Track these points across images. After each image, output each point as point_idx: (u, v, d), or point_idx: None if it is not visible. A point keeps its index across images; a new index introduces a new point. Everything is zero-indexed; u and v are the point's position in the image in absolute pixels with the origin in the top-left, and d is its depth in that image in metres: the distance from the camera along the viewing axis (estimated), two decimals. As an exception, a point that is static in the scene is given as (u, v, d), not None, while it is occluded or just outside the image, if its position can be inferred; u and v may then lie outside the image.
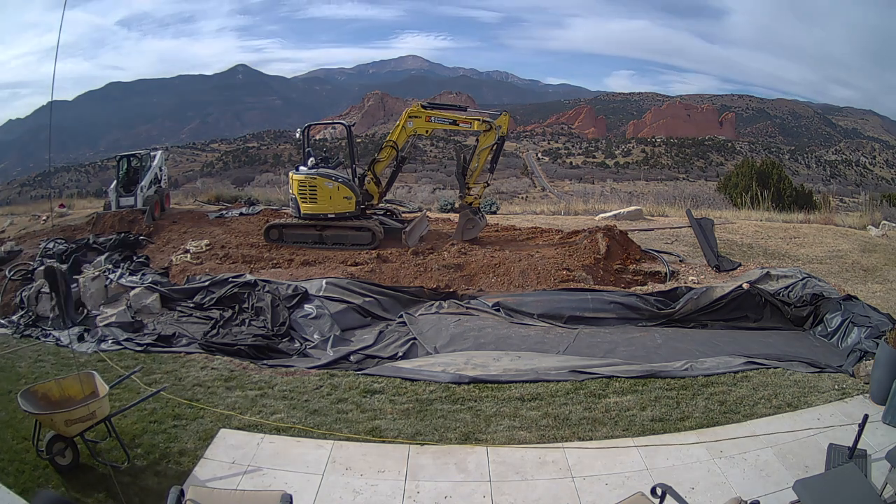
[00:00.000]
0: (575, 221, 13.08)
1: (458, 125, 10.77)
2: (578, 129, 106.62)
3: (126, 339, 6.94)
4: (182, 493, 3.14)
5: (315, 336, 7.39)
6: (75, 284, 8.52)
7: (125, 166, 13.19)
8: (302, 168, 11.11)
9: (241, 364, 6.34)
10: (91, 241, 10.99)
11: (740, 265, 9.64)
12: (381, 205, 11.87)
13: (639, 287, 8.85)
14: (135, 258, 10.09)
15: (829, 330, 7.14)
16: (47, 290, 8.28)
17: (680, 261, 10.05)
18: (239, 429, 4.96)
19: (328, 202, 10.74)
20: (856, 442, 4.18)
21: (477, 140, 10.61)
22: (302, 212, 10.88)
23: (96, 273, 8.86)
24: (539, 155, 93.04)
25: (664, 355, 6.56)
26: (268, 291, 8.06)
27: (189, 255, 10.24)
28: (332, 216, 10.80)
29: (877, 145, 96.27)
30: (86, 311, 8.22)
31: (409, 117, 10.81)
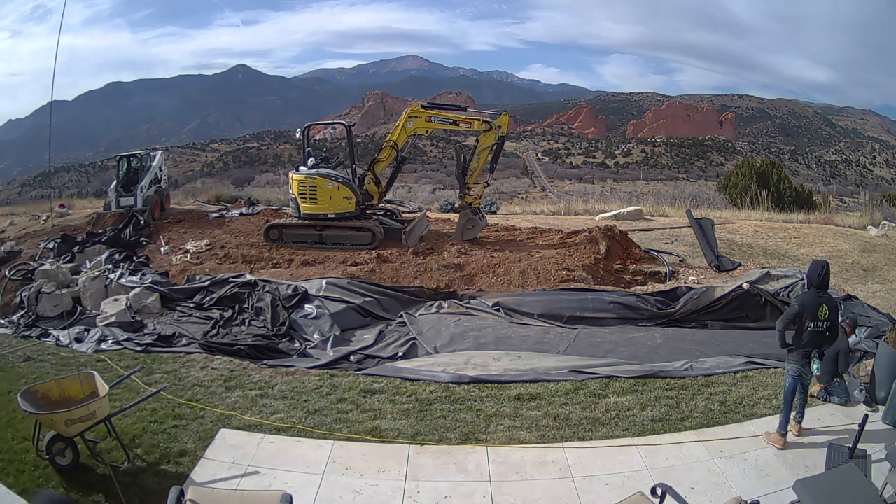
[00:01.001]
0: (575, 221, 13.09)
1: (458, 125, 10.77)
2: (578, 129, 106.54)
3: (126, 339, 6.94)
4: (182, 493, 3.13)
5: (315, 336, 7.39)
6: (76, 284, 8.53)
7: (125, 166, 13.19)
8: (302, 168, 11.10)
9: (241, 364, 6.34)
10: (85, 239, 11.08)
11: (740, 265, 9.64)
12: (381, 205, 11.87)
13: (639, 287, 8.86)
14: (135, 258, 10.09)
15: (829, 330, 7.13)
16: (48, 291, 8.30)
17: (680, 261, 10.05)
18: (239, 429, 4.96)
19: (328, 202, 10.73)
20: (856, 442, 4.17)
21: (477, 140, 10.61)
22: (302, 212, 10.88)
23: (96, 273, 8.86)
24: (539, 155, 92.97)
25: (664, 355, 6.56)
26: (268, 291, 8.06)
27: (189, 255, 10.24)
28: (332, 216, 10.80)
29: (877, 145, 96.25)
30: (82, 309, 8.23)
31: (409, 117, 10.81)
